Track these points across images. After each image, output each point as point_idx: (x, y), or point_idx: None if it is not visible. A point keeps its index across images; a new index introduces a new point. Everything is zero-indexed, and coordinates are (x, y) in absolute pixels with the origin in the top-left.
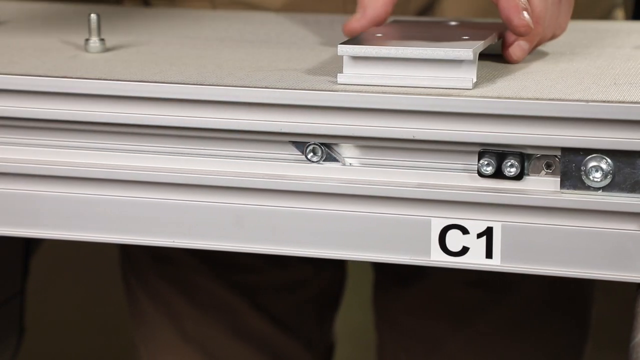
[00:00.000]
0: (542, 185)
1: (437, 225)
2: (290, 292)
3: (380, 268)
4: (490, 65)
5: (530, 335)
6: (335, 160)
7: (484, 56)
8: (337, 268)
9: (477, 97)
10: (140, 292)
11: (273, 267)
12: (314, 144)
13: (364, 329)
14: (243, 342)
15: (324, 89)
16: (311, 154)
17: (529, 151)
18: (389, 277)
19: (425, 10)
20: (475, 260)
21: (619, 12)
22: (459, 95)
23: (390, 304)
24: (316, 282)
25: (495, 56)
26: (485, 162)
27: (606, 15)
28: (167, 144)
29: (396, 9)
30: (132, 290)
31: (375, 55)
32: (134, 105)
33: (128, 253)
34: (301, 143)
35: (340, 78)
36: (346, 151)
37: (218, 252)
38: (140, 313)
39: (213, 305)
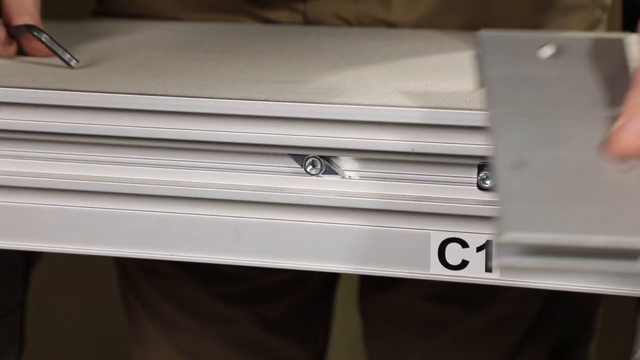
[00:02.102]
0: None
1: (437, 239)
2: (280, 295)
3: None
4: None
5: (497, 347)
6: (334, 173)
7: None
8: None
9: (476, 110)
10: (137, 306)
11: (259, 273)
12: (313, 156)
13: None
14: (238, 350)
15: (323, 101)
16: (310, 166)
17: None
18: (370, 280)
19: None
20: (475, 274)
21: (602, 28)
22: (457, 108)
23: (369, 307)
24: (304, 282)
25: None
26: (485, 176)
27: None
28: (165, 157)
29: None
30: (129, 304)
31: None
32: (133, 118)
33: (124, 267)
34: (300, 156)
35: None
36: (345, 164)
37: (203, 263)
38: (138, 327)
39: (205, 317)
